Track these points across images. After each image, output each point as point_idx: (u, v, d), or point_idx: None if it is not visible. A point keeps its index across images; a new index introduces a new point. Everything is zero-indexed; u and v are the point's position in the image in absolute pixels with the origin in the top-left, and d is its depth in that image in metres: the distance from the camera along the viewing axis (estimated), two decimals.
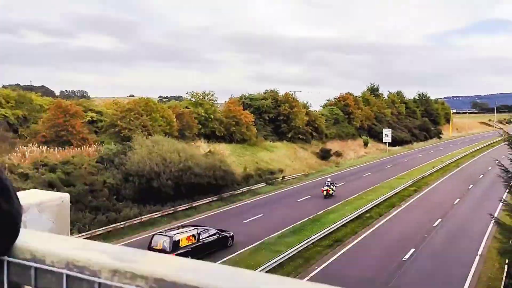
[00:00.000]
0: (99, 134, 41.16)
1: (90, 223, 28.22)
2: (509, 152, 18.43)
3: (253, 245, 26.27)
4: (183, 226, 25.98)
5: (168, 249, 21.94)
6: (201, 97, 52.49)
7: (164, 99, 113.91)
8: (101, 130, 41.79)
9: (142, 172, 33.39)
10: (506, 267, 20.36)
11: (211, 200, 37.00)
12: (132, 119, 40.88)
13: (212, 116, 50.88)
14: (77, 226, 27.36)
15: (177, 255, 17.30)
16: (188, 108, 50.34)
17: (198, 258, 14.38)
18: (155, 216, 31.63)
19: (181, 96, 71.60)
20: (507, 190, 18.87)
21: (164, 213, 32.43)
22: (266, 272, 21.39)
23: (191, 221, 32.10)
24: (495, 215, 30.11)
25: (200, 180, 35.86)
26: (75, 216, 28.14)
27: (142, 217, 30.82)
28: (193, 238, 23.67)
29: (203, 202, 36.15)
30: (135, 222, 30.14)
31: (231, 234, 26.21)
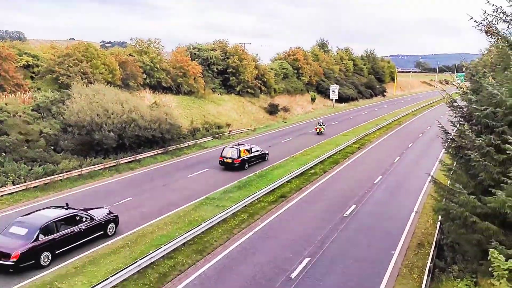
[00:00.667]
0: (35, 80, 38.48)
1: (26, 175, 26.76)
2: (448, 113, 18.89)
3: (198, 199, 26.03)
4: (239, 144, 35.87)
5: (235, 157, 33.19)
6: (146, 44, 50.13)
7: (107, 45, 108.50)
8: (37, 76, 39.05)
9: (82, 123, 31.80)
10: (438, 223, 21.37)
11: (155, 153, 36.14)
12: (71, 65, 38.43)
13: (158, 66, 48.92)
14: (12, 178, 25.91)
15: (241, 161, 33.23)
16: (133, 56, 48.01)
17: (249, 166, 33.93)
18: (97, 169, 30.49)
19: (125, 42, 68.02)
20: (445, 151, 19.44)
21: (106, 166, 31.32)
22: (212, 226, 21.37)
23: (135, 174, 31.32)
24: (432, 173, 31.45)
25: (144, 133, 34.75)
26: (9, 167, 26.63)
27: (82, 169, 29.60)
28: (248, 152, 34.49)
29: (148, 155, 35.26)
30: (74, 174, 28.92)
31: (267, 152, 37.48)
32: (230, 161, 33.02)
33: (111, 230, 20.47)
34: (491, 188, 13.81)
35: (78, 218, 19.02)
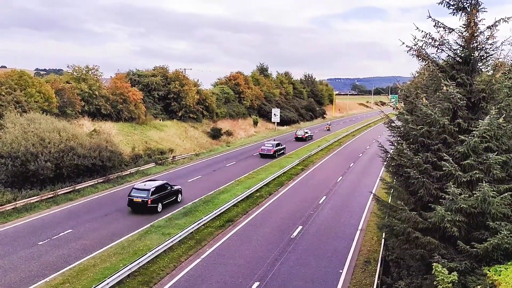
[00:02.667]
0: None
1: None
2: (386, 133, 19.69)
3: (142, 228, 25.22)
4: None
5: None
6: (84, 71, 48.67)
7: (42, 72, 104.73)
8: None
9: (16, 154, 30.05)
10: (383, 240, 21.98)
11: (96, 182, 34.76)
12: (3, 94, 36.50)
13: (97, 93, 47.53)
14: None
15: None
16: (70, 83, 46.40)
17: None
18: (33, 201, 28.83)
19: (62, 70, 65.94)
20: (385, 169, 20.17)
21: (43, 198, 29.70)
22: (158, 255, 20.71)
23: (75, 204, 29.89)
24: (374, 191, 32.53)
25: (84, 161, 33.44)
26: None
27: (17, 202, 27.89)
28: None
29: (88, 185, 33.84)
30: (8, 208, 27.16)
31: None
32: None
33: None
34: (431, 204, 14.43)
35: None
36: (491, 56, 15.79)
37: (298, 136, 68.98)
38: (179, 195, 31.20)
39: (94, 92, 47.13)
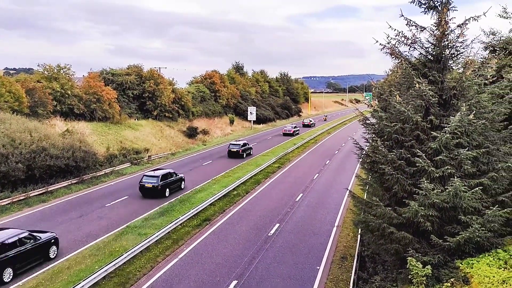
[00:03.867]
0: None
1: None
2: (361, 130, 19.95)
3: (118, 229, 24.91)
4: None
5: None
6: (55, 70, 47.66)
7: (12, 71, 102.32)
8: None
9: None
10: (359, 236, 22.28)
11: (70, 183, 34.14)
12: None
13: (69, 92, 46.63)
14: None
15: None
16: (41, 82, 45.38)
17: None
18: (3, 204, 28.12)
19: (32, 69, 64.36)
20: (361, 166, 20.44)
21: (14, 200, 28.99)
22: (134, 256, 20.49)
23: (48, 206, 29.29)
24: (350, 187, 32.93)
25: (57, 162, 32.81)
26: None
27: None
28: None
29: (61, 186, 33.20)
30: None
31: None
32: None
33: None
34: (405, 199, 14.70)
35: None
36: (461, 54, 16.17)
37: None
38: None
39: (66, 91, 46.24)
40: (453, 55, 16.17)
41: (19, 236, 19.11)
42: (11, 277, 18.28)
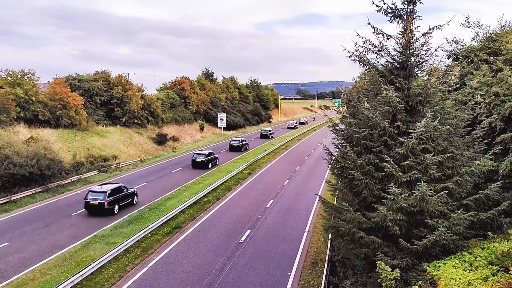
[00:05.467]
0: None
1: None
2: (330, 136, 20.17)
3: (85, 238, 24.31)
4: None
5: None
6: (19, 76, 46.30)
7: None
8: None
9: None
10: (329, 241, 22.46)
11: (34, 192, 33.13)
12: None
13: (33, 98, 45.35)
14: None
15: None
16: (4, 88, 43.97)
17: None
18: None
19: None
20: (330, 171, 20.63)
21: None
22: (102, 265, 20.01)
23: (11, 216, 28.30)
24: (320, 193, 33.17)
25: (20, 170, 31.83)
26: None
27: None
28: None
29: (25, 195, 32.19)
30: None
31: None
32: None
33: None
34: (374, 204, 14.92)
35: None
36: (426, 62, 16.58)
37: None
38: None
39: (30, 97, 44.95)
40: (418, 63, 16.56)
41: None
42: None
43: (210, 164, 47.72)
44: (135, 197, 32.15)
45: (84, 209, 29.09)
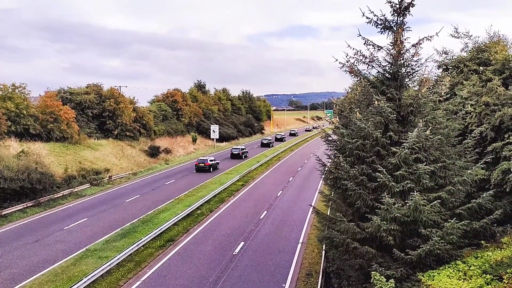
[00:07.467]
0: None
1: None
2: (323, 146, 20.22)
3: (77, 253, 24.04)
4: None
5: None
6: (10, 89, 46.08)
7: None
8: None
9: None
10: (323, 252, 22.39)
11: (25, 206, 32.78)
12: None
13: (24, 112, 45.11)
14: None
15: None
16: None
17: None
18: None
19: None
20: (324, 182, 20.63)
21: None
22: (95, 280, 19.76)
23: (1, 231, 27.95)
24: (313, 203, 33.16)
25: (11, 185, 31.56)
26: None
27: None
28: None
29: (16, 209, 31.82)
30: None
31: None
32: None
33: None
34: (367, 214, 14.91)
35: None
36: (416, 72, 16.71)
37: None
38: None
39: (21, 111, 44.70)
40: (409, 73, 16.69)
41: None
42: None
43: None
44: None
45: (85, 219, 29.08)
